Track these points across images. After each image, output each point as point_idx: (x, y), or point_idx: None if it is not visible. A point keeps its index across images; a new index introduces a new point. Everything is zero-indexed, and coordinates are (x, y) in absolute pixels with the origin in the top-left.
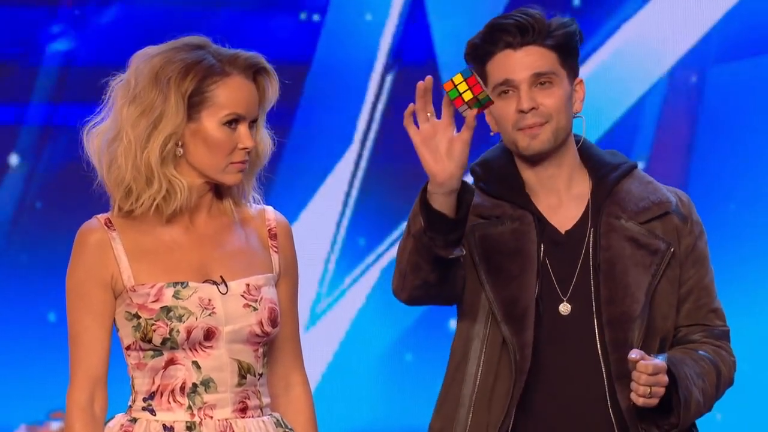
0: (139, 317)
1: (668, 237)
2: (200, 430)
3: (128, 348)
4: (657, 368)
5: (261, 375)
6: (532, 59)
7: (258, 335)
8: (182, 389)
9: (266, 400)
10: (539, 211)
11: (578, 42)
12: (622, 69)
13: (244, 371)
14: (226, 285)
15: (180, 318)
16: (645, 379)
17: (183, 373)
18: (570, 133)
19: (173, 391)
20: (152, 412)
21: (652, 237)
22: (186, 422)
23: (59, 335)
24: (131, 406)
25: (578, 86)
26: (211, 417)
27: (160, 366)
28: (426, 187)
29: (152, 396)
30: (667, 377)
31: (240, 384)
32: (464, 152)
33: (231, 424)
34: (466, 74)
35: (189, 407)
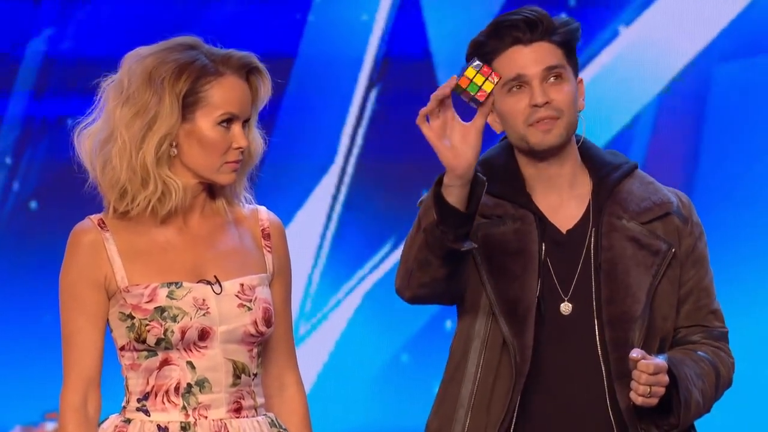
0: (133, 318)
1: (669, 238)
2: (195, 431)
3: (122, 349)
4: (658, 368)
5: (255, 375)
6: (543, 54)
7: (252, 335)
8: (177, 389)
9: (261, 401)
10: (540, 211)
11: (578, 41)
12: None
13: (239, 371)
14: (220, 285)
15: (174, 318)
16: (645, 379)
17: (177, 374)
18: (575, 131)
19: (168, 392)
20: (146, 413)
21: (654, 237)
22: (180, 423)
23: (54, 336)
24: (125, 407)
25: (579, 84)
26: (206, 417)
27: (155, 366)
28: (440, 182)
29: (146, 396)
30: (668, 377)
31: (234, 384)
32: (480, 139)
33: (225, 425)
34: (477, 67)
35: (183, 407)
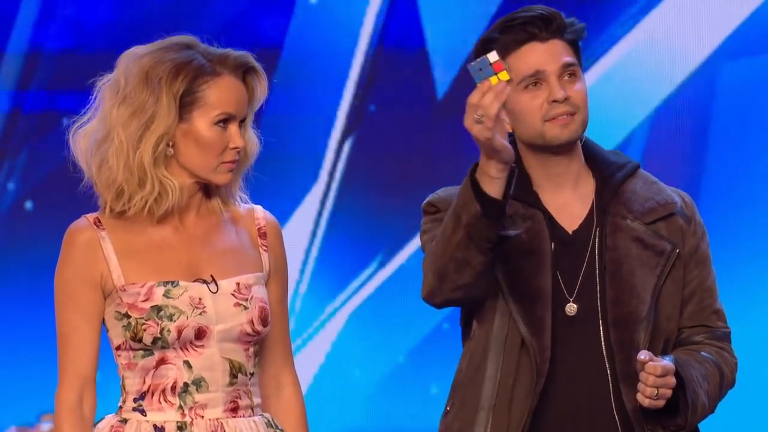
0: (129, 317)
1: (673, 238)
2: (191, 430)
3: (118, 348)
4: (666, 370)
5: (252, 374)
6: (560, 50)
7: (249, 334)
8: (173, 389)
9: (257, 400)
10: (548, 210)
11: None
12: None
13: (236, 370)
14: (217, 284)
15: (171, 317)
16: (653, 381)
17: (174, 373)
18: (586, 129)
19: (164, 391)
20: (143, 413)
21: (658, 238)
22: (177, 422)
23: (50, 337)
24: (121, 407)
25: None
26: (202, 417)
27: (151, 366)
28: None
29: (143, 396)
30: (675, 379)
31: (231, 383)
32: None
33: (222, 424)
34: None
35: (180, 407)
